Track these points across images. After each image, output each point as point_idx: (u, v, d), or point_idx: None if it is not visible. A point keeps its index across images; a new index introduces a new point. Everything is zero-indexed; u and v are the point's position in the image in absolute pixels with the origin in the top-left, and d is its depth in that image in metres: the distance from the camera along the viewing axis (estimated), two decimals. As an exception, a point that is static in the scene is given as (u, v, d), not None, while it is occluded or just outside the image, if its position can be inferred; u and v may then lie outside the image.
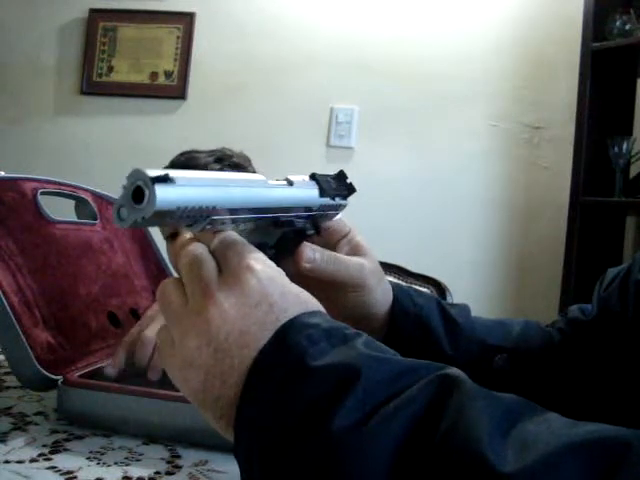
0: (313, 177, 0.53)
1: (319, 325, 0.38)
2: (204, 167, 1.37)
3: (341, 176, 0.57)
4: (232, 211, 0.42)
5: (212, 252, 0.42)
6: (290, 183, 0.49)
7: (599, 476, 0.29)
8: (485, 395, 0.35)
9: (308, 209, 0.52)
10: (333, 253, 0.56)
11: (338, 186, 0.55)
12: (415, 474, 0.32)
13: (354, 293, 0.58)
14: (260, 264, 0.41)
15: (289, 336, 0.37)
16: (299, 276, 0.52)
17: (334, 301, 0.56)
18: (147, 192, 0.35)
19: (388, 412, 0.33)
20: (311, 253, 0.54)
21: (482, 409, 0.33)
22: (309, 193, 0.51)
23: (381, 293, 0.60)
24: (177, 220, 0.38)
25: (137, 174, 0.35)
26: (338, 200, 0.55)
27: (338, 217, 0.58)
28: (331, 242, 0.59)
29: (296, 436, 0.34)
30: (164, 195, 0.35)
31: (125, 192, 0.36)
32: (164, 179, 0.35)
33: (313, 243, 0.55)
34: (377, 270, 0.60)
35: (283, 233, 0.51)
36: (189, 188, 0.37)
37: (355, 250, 0.59)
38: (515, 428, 0.32)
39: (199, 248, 0.42)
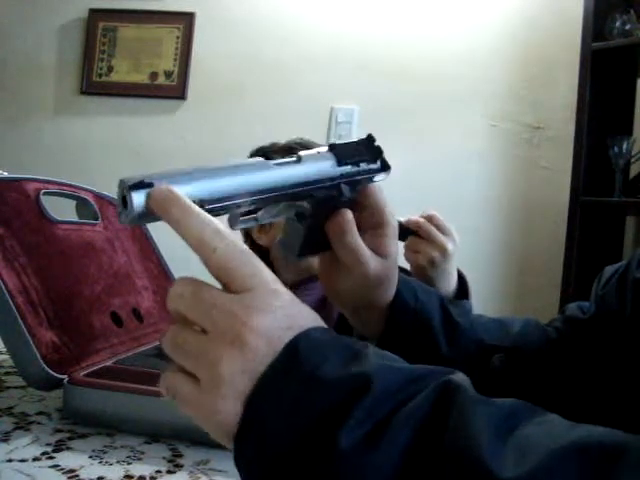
0: (332, 147, 0.52)
1: (329, 339, 0.38)
2: None
3: (369, 140, 0.55)
4: (225, 198, 0.43)
5: (216, 276, 0.39)
6: (298, 159, 0.49)
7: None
8: (485, 401, 0.35)
9: (330, 180, 0.51)
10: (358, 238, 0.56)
11: (363, 152, 0.54)
12: None
13: (359, 277, 0.57)
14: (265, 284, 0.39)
15: (300, 353, 0.36)
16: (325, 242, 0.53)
17: (340, 276, 0.56)
18: (128, 199, 0.40)
19: (397, 421, 0.33)
20: (350, 215, 0.54)
21: (482, 415, 0.33)
22: (321, 165, 0.51)
23: (385, 289, 0.59)
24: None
25: (121, 184, 0.40)
26: (364, 165, 0.54)
27: (379, 182, 0.57)
28: (367, 222, 0.58)
29: (304, 447, 0.34)
30: (140, 199, 0.40)
31: (117, 199, 0.41)
32: (140, 185, 0.40)
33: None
34: (391, 270, 0.58)
35: (317, 202, 0.51)
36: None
37: (378, 245, 0.58)
38: (515, 433, 0.32)
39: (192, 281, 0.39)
